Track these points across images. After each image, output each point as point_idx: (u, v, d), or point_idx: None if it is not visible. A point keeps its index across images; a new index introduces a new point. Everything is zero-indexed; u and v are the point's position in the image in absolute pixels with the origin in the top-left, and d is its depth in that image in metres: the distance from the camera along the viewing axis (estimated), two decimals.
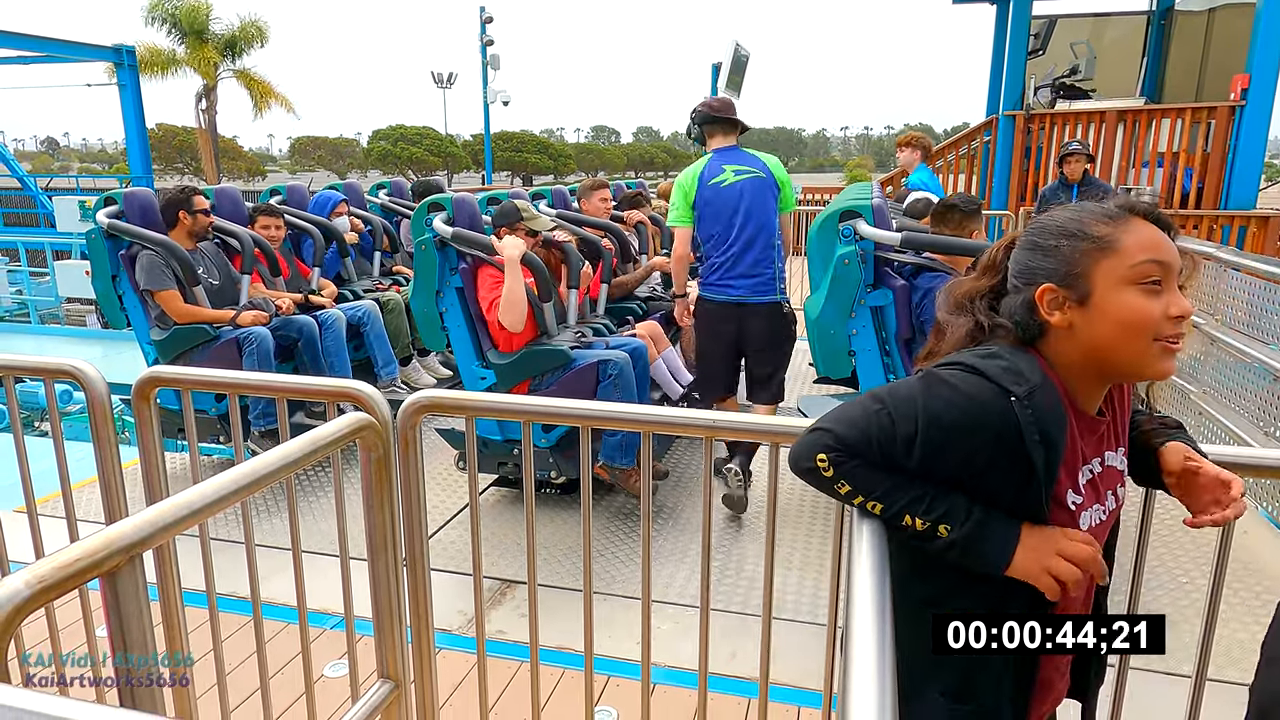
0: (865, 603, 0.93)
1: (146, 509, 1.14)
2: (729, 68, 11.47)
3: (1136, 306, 1.04)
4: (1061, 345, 1.10)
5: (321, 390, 1.94)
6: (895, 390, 1.08)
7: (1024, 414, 1.02)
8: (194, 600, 1.98)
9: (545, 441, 3.67)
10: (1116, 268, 1.06)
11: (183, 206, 4.23)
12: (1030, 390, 1.03)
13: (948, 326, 1.19)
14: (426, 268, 3.76)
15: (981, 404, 1.03)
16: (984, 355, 1.09)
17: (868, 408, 1.08)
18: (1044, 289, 1.10)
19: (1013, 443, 1.03)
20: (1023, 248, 1.15)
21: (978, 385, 1.04)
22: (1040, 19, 10.77)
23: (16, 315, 12.43)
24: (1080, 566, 1.06)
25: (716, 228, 3.74)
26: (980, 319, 1.15)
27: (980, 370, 1.05)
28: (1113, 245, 1.07)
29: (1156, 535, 3.47)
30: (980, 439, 1.04)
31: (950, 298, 1.21)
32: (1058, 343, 1.11)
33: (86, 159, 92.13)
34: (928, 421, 1.04)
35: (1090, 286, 1.07)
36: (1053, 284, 1.09)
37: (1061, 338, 1.10)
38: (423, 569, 1.81)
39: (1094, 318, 1.07)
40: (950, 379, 1.06)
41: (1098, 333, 1.07)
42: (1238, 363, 3.97)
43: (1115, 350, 1.07)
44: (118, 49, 14.54)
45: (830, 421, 1.10)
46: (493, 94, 19.67)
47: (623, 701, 2.51)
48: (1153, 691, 2.41)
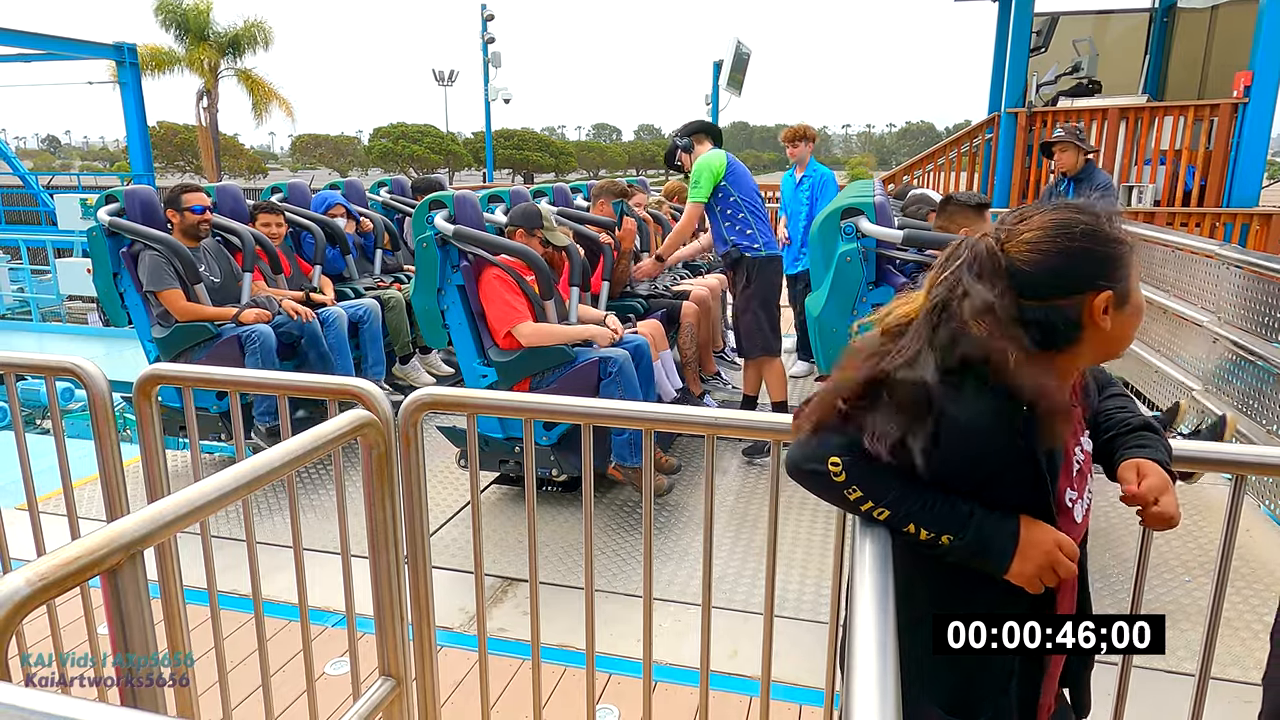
0: (867, 602, 0.93)
1: (147, 506, 1.14)
2: (730, 65, 11.47)
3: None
4: (1087, 349, 1.10)
5: (322, 388, 1.94)
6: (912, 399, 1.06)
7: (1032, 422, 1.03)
8: (195, 598, 1.98)
9: (546, 439, 3.67)
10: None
11: (171, 205, 4.23)
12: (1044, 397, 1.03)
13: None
14: (428, 265, 3.76)
15: (995, 414, 1.03)
16: None
17: None
18: (1103, 296, 1.06)
19: (1025, 451, 1.04)
20: (1060, 253, 1.06)
21: (993, 390, 1.03)
22: (1042, 16, 10.75)
23: (18, 313, 12.46)
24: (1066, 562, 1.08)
25: (748, 193, 4.29)
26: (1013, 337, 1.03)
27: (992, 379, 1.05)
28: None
29: (1159, 534, 3.47)
30: (993, 448, 1.04)
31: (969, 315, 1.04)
32: (1084, 347, 1.09)
33: (88, 157, 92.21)
34: (945, 425, 1.03)
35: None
36: (1111, 290, 1.06)
37: (1093, 341, 1.09)
38: (424, 566, 1.81)
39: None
40: (965, 384, 1.05)
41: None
42: (1240, 360, 3.96)
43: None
44: (119, 47, 14.55)
45: None
46: (494, 91, 19.65)
47: (624, 699, 2.51)
48: (1156, 690, 2.41)
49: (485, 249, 3.74)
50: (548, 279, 3.78)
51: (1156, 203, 8.93)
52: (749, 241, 4.29)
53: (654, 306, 4.84)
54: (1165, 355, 4.76)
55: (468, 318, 3.78)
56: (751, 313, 4.34)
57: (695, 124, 4.47)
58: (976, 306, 1.04)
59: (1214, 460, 1.50)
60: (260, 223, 4.76)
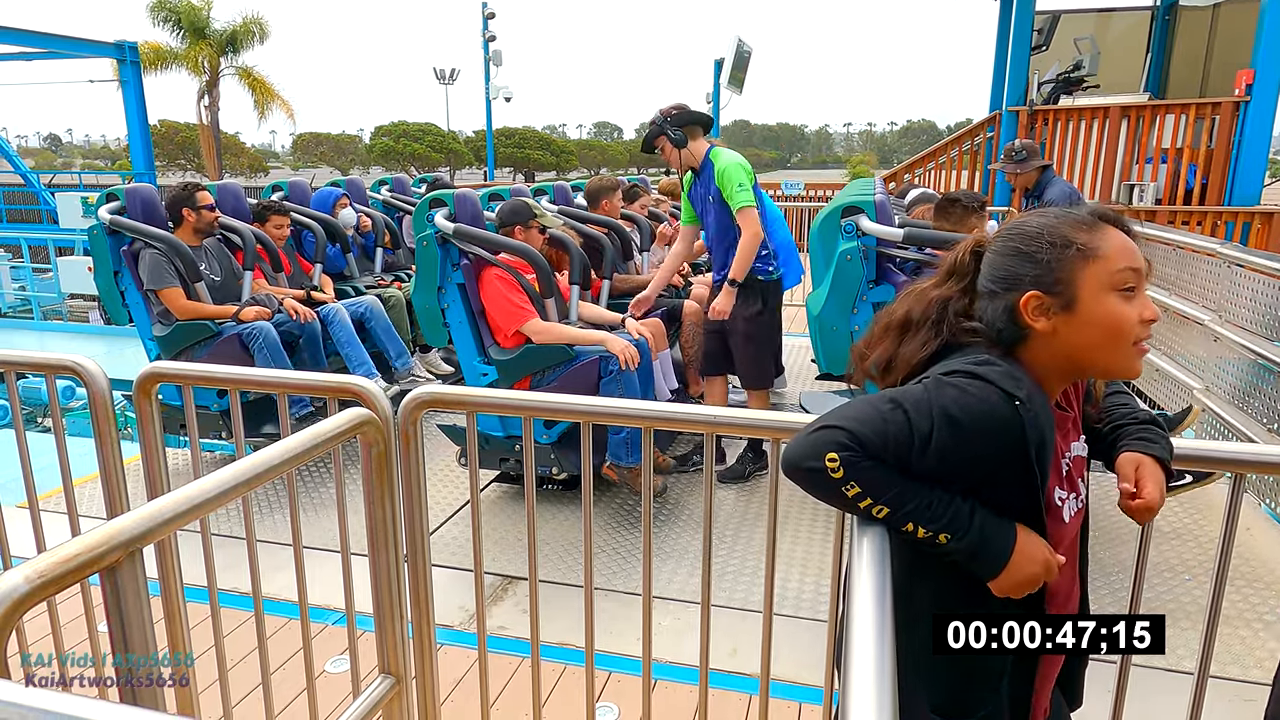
0: (865, 600, 0.93)
1: (147, 504, 1.14)
2: (731, 63, 11.46)
3: (1119, 313, 1.08)
4: (1040, 349, 1.12)
5: (322, 386, 1.94)
6: (907, 393, 1.07)
7: (1027, 415, 1.04)
8: (195, 595, 1.98)
9: (546, 437, 3.67)
10: (1100, 274, 1.09)
11: (187, 204, 4.24)
12: (1029, 394, 1.05)
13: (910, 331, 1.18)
14: (428, 263, 3.76)
15: (991, 406, 1.04)
16: (980, 362, 1.09)
17: (880, 408, 1.06)
18: (1029, 296, 1.10)
19: (1015, 445, 1.04)
20: (1002, 253, 1.15)
21: (984, 389, 1.05)
22: (1044, 14, 10.73)
23: (20, 311, 12.47)
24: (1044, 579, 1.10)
25: (765, 206, 3.93)
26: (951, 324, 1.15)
27: (983, 376, 1.06)
28: (1095, 252, 1.09)
29: (1159, 533, 3.47)
30: (990, 441, 1.04)
31: (915, 304, 1.20)
32: (1036, 347, 1.12)
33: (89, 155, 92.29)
34: (944, 422, 1.03)
35: (1076, 293, 1.09)
36: (1039, 291, 1.10)
37: (1041, 342, 1.12)
38: (424, 564, 1.81)
39: (1079, 324, 1.09)
40: (958, 384, 1.06)
41: (1083, 338, 1.10)
42: (1242, 359, 3.96)
43: (1097, 354, 1.11)
44: (120, 45, 14.54)
45: (840, 420, 1.06)
46: (495, 90, 19.66)
47: (624, 698, 2.51)
48: (1155, 689, 2.40)
49: (485, 247, 3.74)
50: (548, 276, 3.78)
51: (1158, 201, 8.92)
52: (762, 263, 3.89)
53: (654, 305, 4.83)
54: (1166, 354, 4.77)
55: (468, 316, 3.78)
56: (761, 341, 4.00)
57: (690, 113, 3.87)
58: (931, 298, 1.18)
59: (1214, 459, 1.50)
60: (272, 224, 4.79)
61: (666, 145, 3.87)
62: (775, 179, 14.26)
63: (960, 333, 1.15)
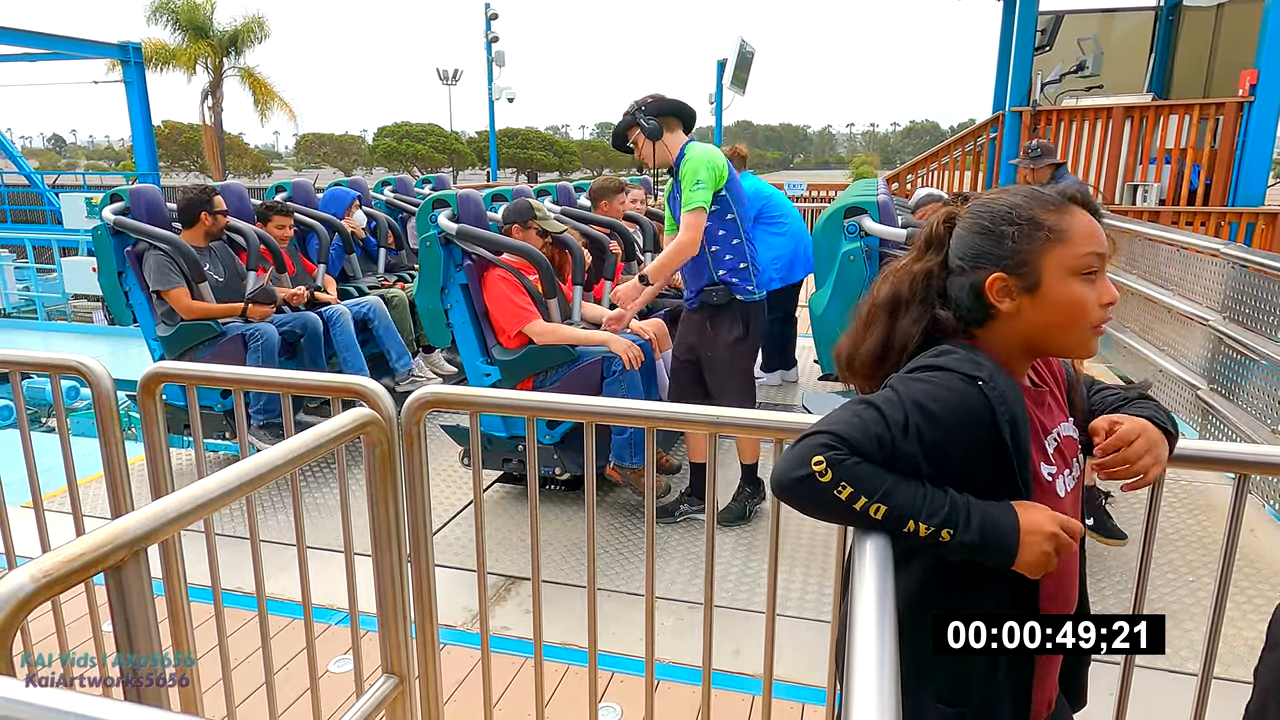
0: (868, 600, 0.93)
1: (151, 504, 1.14)
2: (734, 64, 11.47)
3: (1080, 297, 1.10)
4: (1002, 329, 1.14)
5: (325, 386, 1.94)
6: (876, 395, 1.09)
7: (992, 394, 1.05)
8: (199, 595, 1.99)
9: (549, 438, 3.67)
10: (1064, 258, 1.10)
11: (205, 208, 4.26)
12: (990, 373, 1.07)
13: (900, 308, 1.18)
14: (431, 264, 3.76)
15: (956, 392, 1.06)
16: (938, 354, 1.11)
17: (854, 409, 1.08)
18: (994, 278, 1.11)
19: (987, 425, 1.06)
20: (970, 230, 1.15)
21: (946, 377, 1.07)
22: (1047, 15, 10.72)
23: (24, 312, 12.51)
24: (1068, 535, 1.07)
25: (746, 213, 3.43)
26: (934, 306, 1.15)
27: (942, 366, 1.08)
28: (1062, 236, 1.10)
29: (1162, 533, 3.47)
30: (963, 423, 1.05)
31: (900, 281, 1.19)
32: (999, 327, 1.14)
33: (93, 156, 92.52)
34: (917, 412, 1.04)
35: (1040, 276, 1.10)
36: (1003, 273, 1.11)
37: (1004, 322, 1.13)
38: (427, 565, 1.82)
39: (1041, 305, 1.11)
40: (921, 377, 1.08)
41: (1042, 319, 1.11)
42: (1245, 359, 3.96)
43: (1055, 334, 1.13)
44: (123, 46, 14.60)
45: (818, 426, 1.07)
46: (497, 91, 19.64)
47: (627, 698, 2.52)
48: (1158, 690, 2.40)
49: (488, 248, 3.75)
50: (551, 276, 3.78)
51: (1161, 202, 8.91)
52: (741, 280, 3.37)
53: (656, 305, 4.83)
54: (1169, 354, 4.76)
55: (471, 317, 3.79)
56: (743, 371, 3.53)
57: (667, 103, 3.40)
58: (915, 273, 1.18)
59: (1217, 460, 1.50)
60: (275, 224, 4.80)
61: (640, 138, 3.40)
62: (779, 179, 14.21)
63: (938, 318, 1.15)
